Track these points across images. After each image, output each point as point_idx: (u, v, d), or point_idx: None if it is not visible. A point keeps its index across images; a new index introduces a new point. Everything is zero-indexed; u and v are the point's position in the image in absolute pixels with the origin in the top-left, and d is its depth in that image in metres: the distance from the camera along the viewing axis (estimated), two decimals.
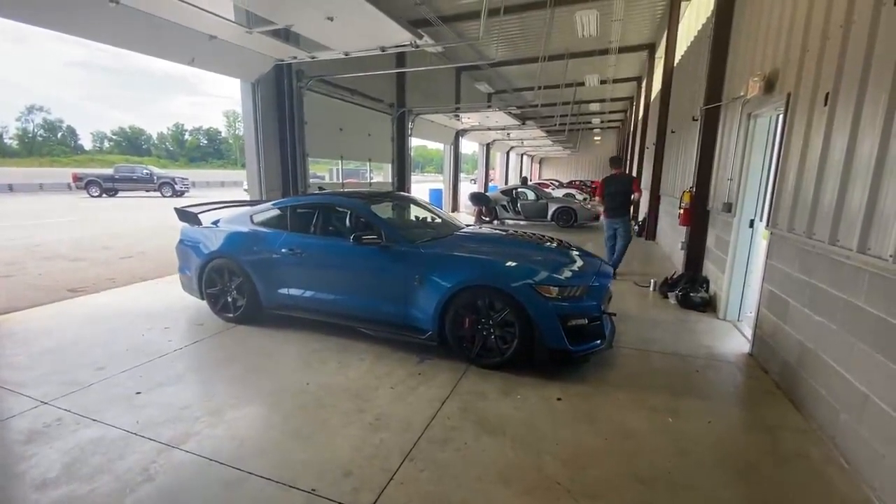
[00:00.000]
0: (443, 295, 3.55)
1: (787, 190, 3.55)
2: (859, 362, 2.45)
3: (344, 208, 4.58)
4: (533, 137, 19.12)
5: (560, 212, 13.00)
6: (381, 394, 3.14)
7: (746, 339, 4.29)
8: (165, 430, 2.65)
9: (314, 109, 9.14)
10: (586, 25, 8.92)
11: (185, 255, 4.82)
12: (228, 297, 4.52)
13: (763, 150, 4.55)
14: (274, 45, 6.59)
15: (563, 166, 38.23)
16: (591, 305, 3.51)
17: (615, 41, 13.19)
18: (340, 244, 4.15)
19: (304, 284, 4.25)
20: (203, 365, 3.61)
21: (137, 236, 10.49)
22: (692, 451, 2.57)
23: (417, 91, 13.49)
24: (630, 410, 2.99)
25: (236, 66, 7.18)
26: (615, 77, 17.65)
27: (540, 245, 4.37)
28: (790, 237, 3.39)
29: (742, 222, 4.72)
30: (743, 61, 5.02)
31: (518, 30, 12.18)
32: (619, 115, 27.42)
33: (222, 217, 4.88)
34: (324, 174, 24.86)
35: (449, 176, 17.63)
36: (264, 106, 7.95)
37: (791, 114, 3.58)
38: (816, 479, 2.35)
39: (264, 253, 4.34)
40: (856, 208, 2.57)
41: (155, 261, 7.68)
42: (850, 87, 2.75)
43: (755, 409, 3.08)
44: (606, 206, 7.03)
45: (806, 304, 3.11)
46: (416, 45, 6.34)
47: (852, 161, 2.67)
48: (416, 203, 5.33)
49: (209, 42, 6.08)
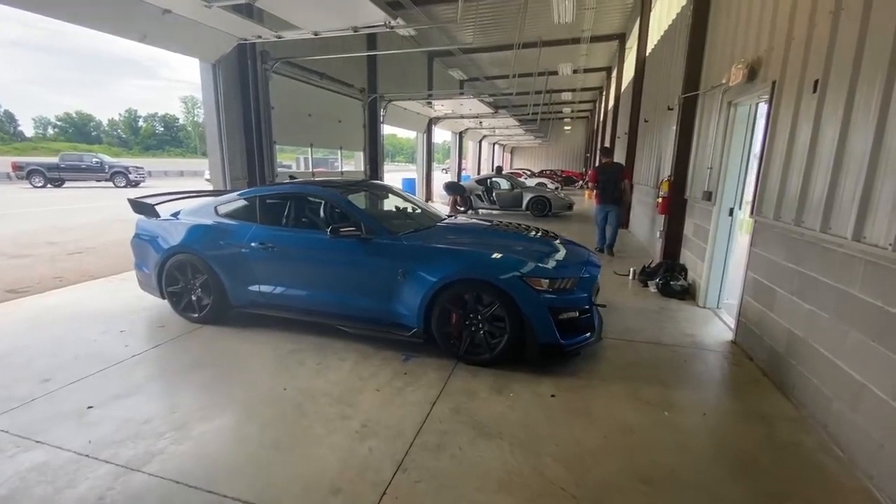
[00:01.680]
0: (428, 289, 3.36)
1: (772, 178, 3.53)
2: (854, 351, 2.43)
3: (318, 198, 4.29)
4: (506, 126, 19.04)
5: (534, 201, 12.99)
6: (367, 397, 2.94)
7: (728, 327, 4.33)
8: (124, 450, 2.35)
9: (281, 94, 8.65)
10: (562, 12, 8.80)
11: (142, 250, 4.42)
12: (192, 295, 4.17)
13: (743, 138, 4.55)
14: (236, 23, 6.11)
15: (534, 156, 38.49)
16: (581, 297, 3.42)
17: (588, 30, 13.19)
18: (316, 237, 3.89)
19: (276, 280, 3.96)
20: (166, 372, 3.29)
21: (87, 230, 9.73)
22: (691, 445, 2.51)
23: (389, 77, 13.09)
24: (625, 404, 2.91)
25: (194, 44, 6.64)
26: (586, 67, 17.77)
27: (526, 235, 4.24)
28: (777, 225, 3.38)
29: (722, 211, 4.74)
30: (722, 50, 5.00)
31: (492, 15, 11.96)
32: (589, 105, 27.77)
33: (183, 209, 4.49)
34: (290, 163, 23.99)
35: (422, 165, 17.33)
36: (227, 89, 7.43)
37: (777, 101, 3.55)
38: (813, 469, 2.33)
39: (232, 247, 4.01)
40: (850, 196, 2.54)
41: (108, 257, 7.10)
42: (841, 73, 2.71)
43: (745, 399, 3.07)
44: (599, 194, 7.53)
45: (794, 293, 3.10)
46: (390, 26, 6.03)
47: (845, 148, 2.63)
48: (394, 192, 5.08)
49: (162, 17, 5.55)
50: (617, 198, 7.43)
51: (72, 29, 11.92)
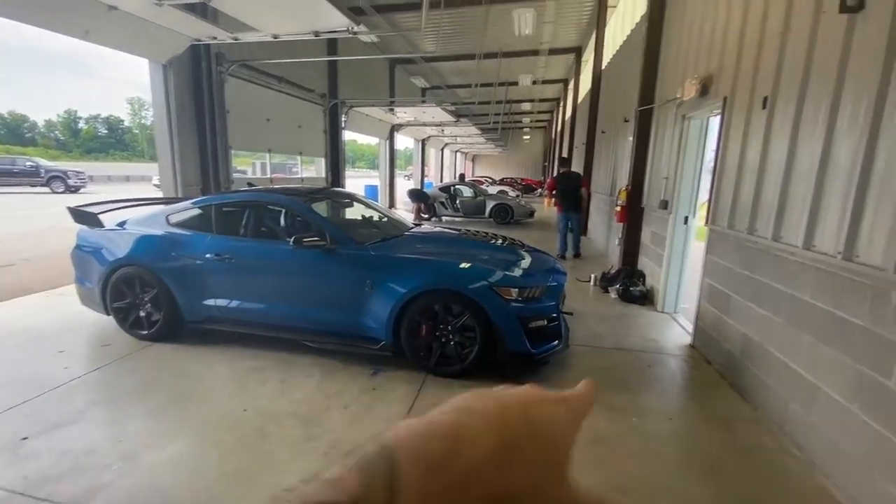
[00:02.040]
0: (397, 301, 3.28)
1: (725, 189, 3.71)
2: (807, 354, 2.57)
3: (279, 207, 4.12)
4: (467, 135, 19.22)
5: (497, 208, 13.14)
6: (334, 416, 2.81)
7: (686, 331, 4.50)
8: (64, 486, 2.12)
9: (238, 97, 8.32)
10: (523, 24, 8.99)
11: (84, 262, 4.07)
12: (141, 311, 3.88)
13: (696, 149, 4.78)
14: (190, 22, 5.81)
15: (495, 164, 39.11)
16: (549, 306, 3.44)
17: (546, 43, 13.58)
18: (277, 247, 3.72)
19: (234, 294, 3.75)
20: (112, 396, 3.02)
21: (21, 240, 8.93)
22: (661, 452, 2.56)
23: (351, 82, 12.90)
24: (595, 412, 2.90)
25: (143, 43, 6.26)
26: (544, 78, 18.28)
27: (493, 244, 4.24)
28: (731, 234, 3.55)
29: (678, 219, 4.94)
30: (675, 66, 5.25)
31: (453, 25, 12.06)
32: (546, 115, 28.55)
33: (130, 218, 4.18)
34: (246, 168, 23.12)
35: (385, 172, 17.16)
36: (179, 91, 7.05)
37: (728, 116, 3.75)
38: (776, 471, 2.42)
39: (185, 259, 3.77)
40: (800, 207, 2.69)
41: (45, 269, 6.51)
42: (789, 91, 2.88)
43: (707, 402, 3.17)
44: (560, 202, 7.87)
45: (749, 298, 3.25)
46: (352, 32, 5.93)
47: (794, 161, 2.80)
48: (358, 200, 4.96)
49: (108, 13, 5.20)
50: (577, 205, 7.88)
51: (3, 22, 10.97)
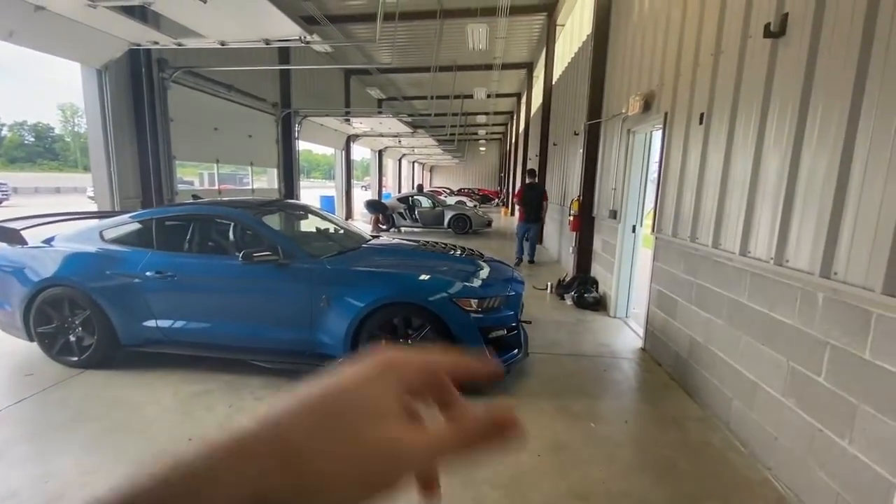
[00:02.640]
0: (355, 315, 3.20)
1: (668, 199, 3.92)
2: (746, 353, 2.73)
3: (227, 220, 3.94)
4: (424, 146, 19.32)
5: (456, 219, 13.24)
6: None
7: (637, 335, 4.68)
8: None
9: (182, 105, 7.93)
10: (476, 39, 9.20)
11: (3, 284, 3.69)
12: (71, 335, 3.55)
13: (641, 161, 5.03)
14: (128, 26, 5.49)
15: (453, 174, 39.54)
16: (508, 315, 3.46)
17: (499, 57, 13.94)
18: (225, 262, 3.54)
19: (178, 313, 3.53)
20: (36, 431, 2.72)
21: None
22: (618, 455, 2.62)
23: (305, 92, 12.66)
24: (556, 420, 2.98)
25: (75, 47, 5.85)
26: (498, 92, 18.74)
27: (451, 255, 4.24)
28: (675, 242, 3.74)
29: (626, 227, 5.17)
30: (620, 82, 5.52)
31: (408, 38, 12.15)
32: (501, 127, 29.28)
33: (59, 234, 3.85)
34: (193, 178, 22.05)
35: (341, 182, 16.89)
36: (116, 98, 6.62)
37: (669, 131, 3.97)
38: (723, 466, 2.54)
39: (121, 277, 3.50)
40: (735, 215, 2.88)
41: None
42: (722, 108, 3.10)
43: (659, 403, 3.30)
44: (524, 211, 8.27)
45: (693, 302, 3.43)
46: (304, 41, 5.82)
47: (729, 173, 3.00)
48: (313, 212, 4.82)
49: (34, 14, 4.82)
50: (539, 216, 8.35)
51: None
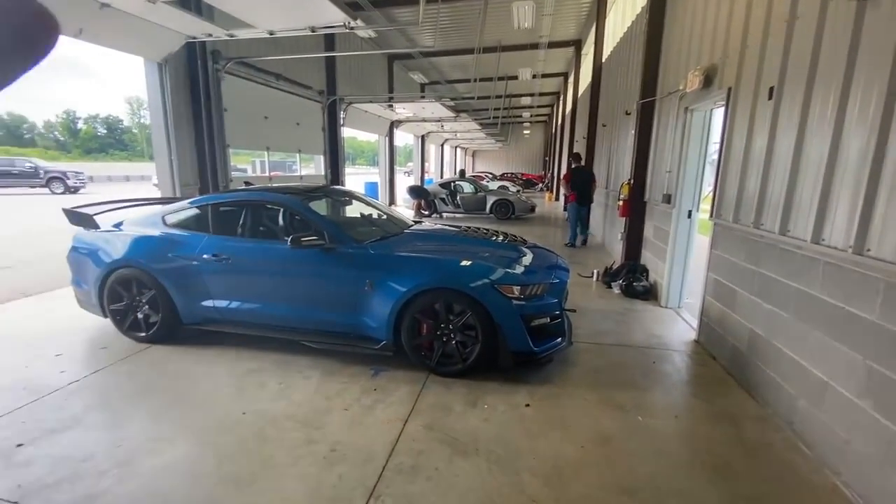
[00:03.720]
0: (398, 300, 3.23)
1: (730, 182, 3.64)
2: (816, 350, 2.51)
3: (277, 206, 4.07)
4: (467, 130, 19.10)
5: (498, 204, 13.07)
6: (334, 418, 2.76)
7: (690, 326, 4.44)
8: (59, 495, 2.08)
9: (235, 95, 8.24)
10: (522, 17, 8.89)
11: (81, 265, 4.03)
12: (139, 313, 3.84)
13: (700, 142, 4.70)
14: (184, 20, 5.74)
15: (496, 159, 38.98)
16: (552, 303, 3.38)
17: (545, 36, 13.46)
18: (275, 247, 3.66)
19: (232, 294, 3.71)
20: (109, 400, 2.98)
21: (18, 242, 8.90)
22: (667, 451, 2.51)
23: (349, 79, 12.81)
24: (600, 411, 2.89)
25: (137, 41, 6.19)
26: (544, 72, 18.14)
27: (494, 241, 4.18)
28: (736, 228, 3.48)
29: (681, 213, 4.88)
30: (677, 58, 5.16)
31: (452, 19, 11.95)
32: (547, 109, 28.40)
33: (127, 219, 4.14)
34: (245, 167, 23.09)
35: (385, 168, 17.08)
36: (175, 90, 6.98)
37: (733, 108, 3.67)
38: (785, 469, 2.37)
39: (182, 260, 3.72)
40: (808, 200, 2.63)
41: (41, 272, 6.48)
42: (796, 81, 2.81)
43: (713, 399, 3.12)
44: (575, 193, 8.40)
45: (754, 293, 3.19)
46: (349, 27, 5.85)
47: (802, 153, 2.73)
48: (357, 198, 4.90)
49: (100, 11, 5.13)
50: (589, 197, 8.50)
51: None
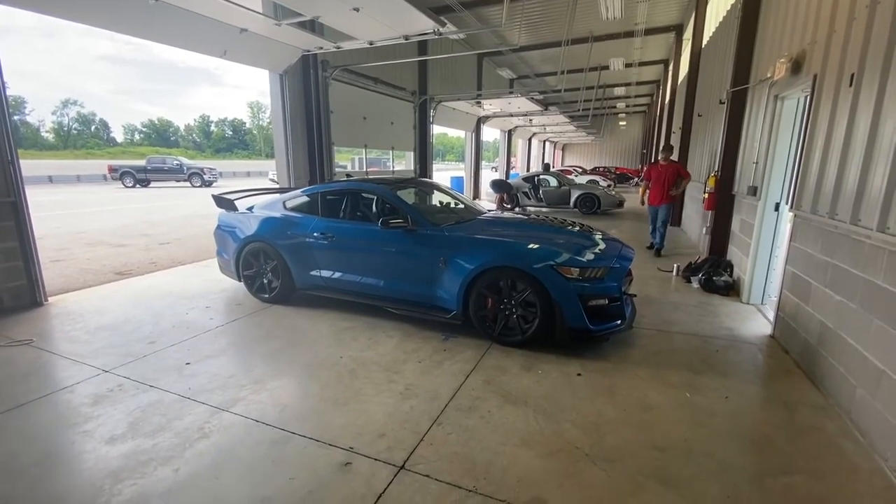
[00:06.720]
0: (466, 276, 3.71)
1: (811, 172, 3.54)
2: (876, 339, 2.50)
3: (371, 194, 4.76)
4: (556, 123, 18.90)
5: (583, 198, 12.93)
6: (410, 367, 3.34)
7: (769, 322, 4.31)
8: (215, 396, 2.91)
9: (339, 99, 9.33)
10: (610, 7, 8.78)
11: (223, 239, 5.11)
12: (264, 278, 4.80)
13: (790, 132, 4.49)
14: (301, 37, 6.77)
15: (587, 152, 37.62)
16: (611, 286, 3.61)
17: (641, 23, 12.92)
18: (368, 228, 4.34)
19: (334, 266, 4.48)
20: (243, 340, 3.88)
21: (172, 224, 10.99)
22: (708, 423, 2.68)
23: (439, 78, 13.54)
24: (649, 386, 3.10)
25: (266, 57, 7.41)
26: (641, 60, 17.28)
27: (562, 228, 4.46)
28: (814, 219, 3.40)
29: (767, 206, 4.70)
30: (771, 43, 4.93)
31: (540, 13, 12.05)
32: (646, 99, 26.82)
33: (256, 203, 5.14)
34: (346, 163, 25.25)
35: (470, 163, 17.66)
36: (292, 96, 8.18)
37: (817, 95, 3.56)
38: (829, 450, 2.43)
39: (297, 237, 4.57)
40: (877, 188, 2.59)
41: (191, 247, 8.07)
42: (873, 67, 2.74)
43: (773, 387, 3.15)
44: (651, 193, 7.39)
45: (827, 285, 3.14)
46: (438, 33, 6.42)
47: (874, 141, 2.68)
48: (438, 189, 5.47)
49: (240, 35, 6.30)
50: (666, 196, 7.19)
51: (153, 44, 13.61)
